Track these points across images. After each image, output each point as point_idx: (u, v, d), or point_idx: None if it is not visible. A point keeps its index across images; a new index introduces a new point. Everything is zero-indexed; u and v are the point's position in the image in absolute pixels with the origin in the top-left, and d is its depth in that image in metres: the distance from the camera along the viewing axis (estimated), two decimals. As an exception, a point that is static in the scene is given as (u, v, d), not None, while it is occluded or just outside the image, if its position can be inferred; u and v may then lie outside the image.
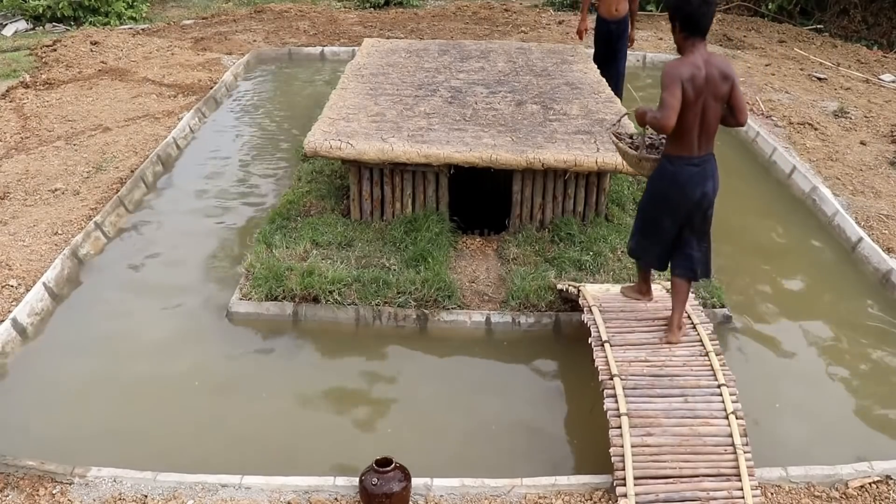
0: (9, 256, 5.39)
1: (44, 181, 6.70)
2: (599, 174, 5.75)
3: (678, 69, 3.68)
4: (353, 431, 4.20)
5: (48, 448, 3.91)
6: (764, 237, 6.33)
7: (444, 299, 5.04)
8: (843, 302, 5.48)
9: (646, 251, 4.24)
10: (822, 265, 5.98)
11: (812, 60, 10.99)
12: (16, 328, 4.79)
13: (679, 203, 3.92)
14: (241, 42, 11.53)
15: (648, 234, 4.15)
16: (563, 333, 4.99)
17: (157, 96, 8.94)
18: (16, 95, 8.75)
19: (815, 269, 5.94)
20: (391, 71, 7.22)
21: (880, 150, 7.82)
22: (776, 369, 4.80)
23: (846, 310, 5.38)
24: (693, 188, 3.87)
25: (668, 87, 3.65)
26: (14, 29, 12.45)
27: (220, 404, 4.38)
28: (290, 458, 3.96)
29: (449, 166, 5.63)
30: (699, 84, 3.68)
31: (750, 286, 5.65)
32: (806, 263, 6.01)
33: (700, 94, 3.69)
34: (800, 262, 6.03)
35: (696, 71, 3.68)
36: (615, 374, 3.85)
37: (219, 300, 5.27)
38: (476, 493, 3.61)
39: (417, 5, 14.32)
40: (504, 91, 6.76)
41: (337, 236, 5.67)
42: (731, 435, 3.60)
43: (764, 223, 6.56)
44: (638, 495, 3.41)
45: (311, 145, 5.56)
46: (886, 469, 3.79)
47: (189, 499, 3.55)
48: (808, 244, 6.24)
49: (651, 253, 4.22)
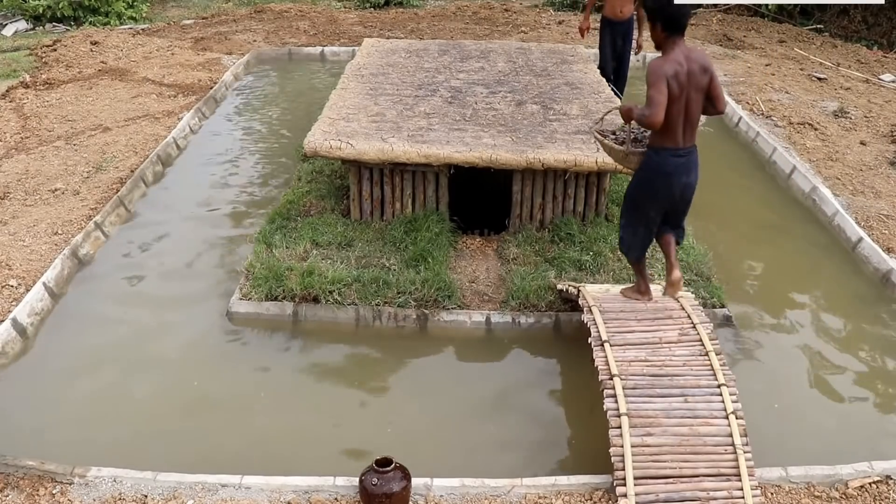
0: (9, 256, 5.39)
1: (44, 181, 6.70)
2: (599, 174, 5.75)
3: (662, 67, 3.85)
4: (353, 431, 4.20)
5: (48, 448, 3.91)
6: (764, 237, 6.33)
7: (444, 299, 5.05)
8: (844, 302, 5.48)
9: (635, 242, 4.39)
10: (822, 265, 5.97)
11: (812, 60, 10.99)
12: (16, 328, 4.79)
13: (666, 192, 4.11)
14: (241, 42, 11.53)
15: (636, 224, 4.32)
16: (563, 333, 4.99)
17: (157, 96, 8.94)
18: (16, 95, 8.75)
19: (815, 268, 5.94)
20: (391, 71, 7.22)
21: (880, 150, 7.82)
22: (776, 369, 4.80)
23: (846, 310, 5.38)
24: (679, 178, 4.07)
25: (655, 85, 3.82)
26: (14, 29, 12.45)
27: (220, 404, 4.37)
28: (290, 458, 3.95)
29: (449, 166, 5.63)
30: (682, 79, 3.87)
31: (750, 286, 5.65)
32: (806, 263, 6.01)
33: (683, 88, 3.88)
34: (800, 261, 6.03)
35: (678, 67, 3.87)
36: (615, 374, 3.85)
37: (219, 300, 5.27)
38: (476, 493, 3.61)
39: (417, 5, 14.32)
40: (504, 91, 6.76)
41: (337, 236, 5.67)
42: (731, 435, 3.60)
43: (764, 223, 6.56)
44: (638, 495, 3.41)
45: (311, 145, 5.56)
46: (886, 469, 3.79)
47: (189, 499, 3.55)
48: (808, 244, 6.24)
49: (641, 244, 4.39)
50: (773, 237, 6.35)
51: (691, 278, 5.29)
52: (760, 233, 6.39)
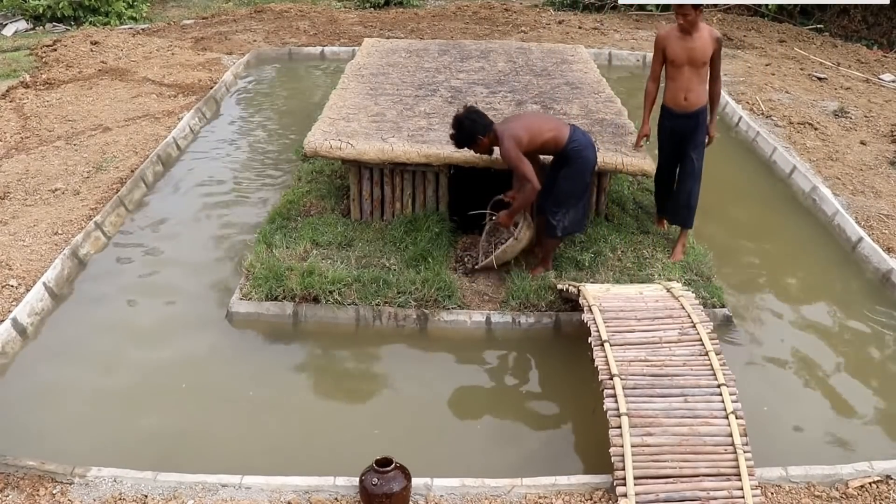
0: (9, 256, 5.39)
1: (44, 181, 6.70)
2: (599, 174, 5.74)
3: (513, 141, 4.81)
4: (353, 431, 4.20)
5: (48, 448, 3.92)
6: (764, 237, 6.33)
7: (444, 299, 5.05)
8: (843, 302, 5.48)
9: (582, 219, 5.32)
10: (822, 265, 5.97)
11: (812, 60, 10.99)
12: (16, 328, 4.79)
13: (593, 163, 5.11)
14: (241, 42, 11.53)
15: (584, 198, 5.25)
16: (563, 333, 4.99)
17: (157, 96, 8.94)
18: (16, 95, 8.75)
19: (815, 268, 5.94)
20: (391, 71, 7.22)
21: (880, 149, 7.82)
22: (776, 369, 4.80)
23: (846, 309, 5.38)
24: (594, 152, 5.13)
25: (518, 159, 4.79)
26: (14, 29, 12.45)
27: (220, 404, 4.38)
28: (290, 458, 3.96)
29: (449, 166, 5.63)
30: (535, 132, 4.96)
31: (750, 286, 5.65)
32: (806, 263, 6.01)
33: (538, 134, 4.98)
34: (800, 261, 6.03)
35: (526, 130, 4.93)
36: (615, 374, 3.85)
37: (219, 300, 5.27)
38: (476, 493, 3.61)
39: (417, 5, 14.32)
40: (504, 91, 6.76)
41: (337, 236, 5.67)
42: (731, 435, 3.60)
43: (764, 223, 6.56)
44: (638, 495, 3.42)
45: (311, 145, 5.56)
46: (886, 469, 3.79)
47: (189, 499, 3.56)
48: (808, 244, 6.24)
49: (584, 218, 5.37)
50: (773, 237, 6.35)
51: (691, 278, 5.28)
52: (760, 232, 6.38)
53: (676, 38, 5.24)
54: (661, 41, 5.30)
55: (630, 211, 6.23)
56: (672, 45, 5.25)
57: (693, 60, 5.23)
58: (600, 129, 5.86)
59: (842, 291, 5.62)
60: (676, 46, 5.23)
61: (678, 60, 5.25)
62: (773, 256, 6.05)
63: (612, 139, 5.69)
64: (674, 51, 5.24)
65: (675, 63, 5.27)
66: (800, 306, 5.44)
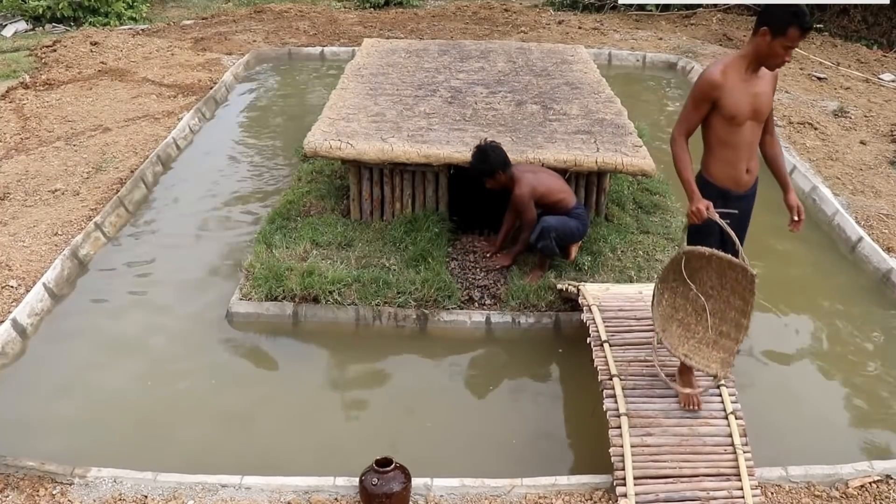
0: (9, 257, 5.39)
1: (44, 181, 6.70)
2: (599, 174, 5.75)
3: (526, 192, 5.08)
4: (353, 431, 4.20)
5: (48, 448, 3.91)
6: (763, 237, 6.31)
7: (444, 299, 5.05)
8: (843, 302, 5.48)
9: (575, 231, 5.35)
10: (822, 265, 5.98)
11: (812, 60, 10.99)
12: (16, 329, 4.79)
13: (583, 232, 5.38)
14: (241, 42, 11.53)
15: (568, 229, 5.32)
16: (563, 333, 4.99)
17: (157, 96, 8.94)
18: (16, 96, 8.75)
19: (815, 268, 5.94)
20: (391, 71, 7.22)
21: (880, 149, 7.82)
22: (775, 368, 4.80)
23: (846, 309, 5.38)
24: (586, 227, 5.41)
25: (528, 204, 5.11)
26: (14, 29, 12.45)
27: (220, 404, 4.38)
28: (290, 458, 3.96)
29: (449, 166, 5.63)
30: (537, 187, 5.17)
31: (750, 286, 5.64)
32: (806, 263, 6.01)
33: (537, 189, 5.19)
34: (799, 261, 6.03)
35: (531, 186, 5.13)
36: (615, 374, 3.85)
37: (218, 300, 5.27)
38: (476, 493, 3.61)
39: (417, 5, 14.32)
40: (504, 91, 6.76)
41: (337, 236, 5.67)
42: (730, 435, 3.60)
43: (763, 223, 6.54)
44: (638, 495, 3.42)
45: (311, 145, 5.56)
46: (886, 469, 3.79)
47: (189, 499, 3.56)
48: (807, 244, 6.24)
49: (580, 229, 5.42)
50: (773, 237, 6.34)
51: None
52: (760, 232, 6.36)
53: (740, 80, 3.50)
54: (716, 86, 3.47)
55: (630, 211, 6.23)
56: (734, 91, 3.48)
57: (758, 113, 3.58)
58: (600, 129, 5.86)
59: (841, 291, 5.62)
60: (740, 93, 3.49)
61: (742, 115, 3.52)
62: (772, 256, 6.04)
63: (612, 139, 5.69)
64: (735, 102, 3.48)
65: (737, 120, 3.53)
66: (799, 306, 5.43)
